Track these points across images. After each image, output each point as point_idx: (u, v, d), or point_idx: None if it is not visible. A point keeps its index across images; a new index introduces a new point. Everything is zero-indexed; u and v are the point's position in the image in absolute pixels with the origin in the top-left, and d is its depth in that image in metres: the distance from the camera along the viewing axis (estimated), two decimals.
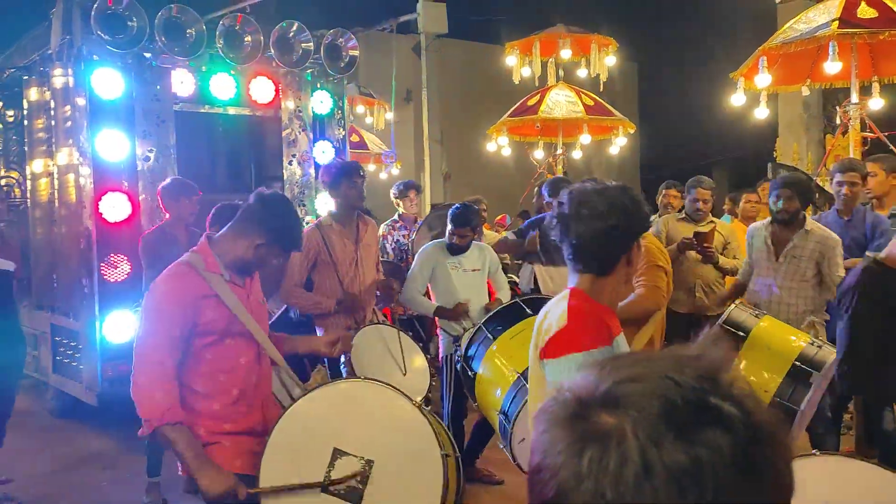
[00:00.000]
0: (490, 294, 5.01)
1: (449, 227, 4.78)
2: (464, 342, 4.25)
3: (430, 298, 4.86)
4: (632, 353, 0.74)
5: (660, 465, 0.63)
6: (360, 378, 3.06)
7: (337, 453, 2.61)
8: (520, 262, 5.85)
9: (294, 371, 2.99)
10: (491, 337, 3.97)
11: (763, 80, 6.32)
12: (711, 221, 5.60)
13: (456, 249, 4.84)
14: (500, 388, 3.72)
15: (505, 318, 4.05)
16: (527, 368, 3.64)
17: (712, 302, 5.40)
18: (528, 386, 3.51)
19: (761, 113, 6.97)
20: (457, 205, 4.97)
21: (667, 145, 17.83)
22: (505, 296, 4.96)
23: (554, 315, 2.04)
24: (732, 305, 3.61)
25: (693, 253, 5.27)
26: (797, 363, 3.56)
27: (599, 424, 0.67)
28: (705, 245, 5.19)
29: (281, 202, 2.78)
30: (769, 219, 4.59)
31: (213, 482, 2.48)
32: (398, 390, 2.80)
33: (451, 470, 2.79)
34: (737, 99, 6.67)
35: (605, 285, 2.07)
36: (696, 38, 16.17)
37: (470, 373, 4.06)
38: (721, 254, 5.39)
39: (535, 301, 4.10)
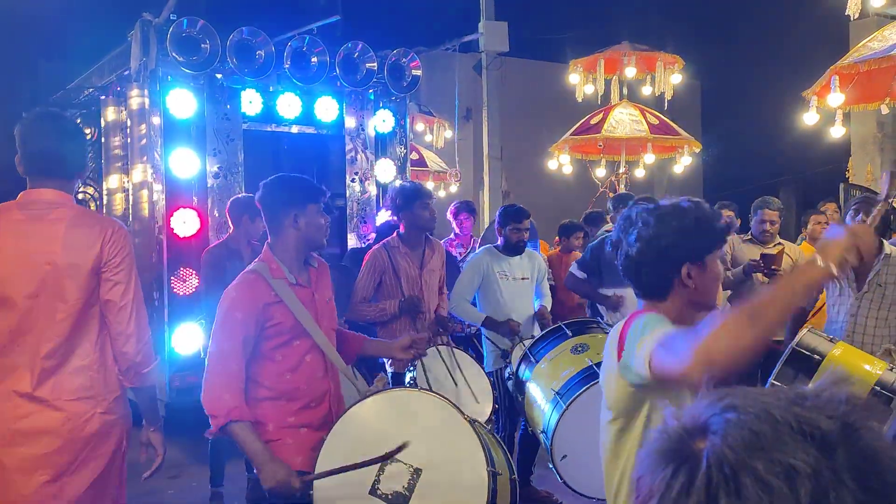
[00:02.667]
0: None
1: (508, 226, 4.81)
2: (514, 362, 4.30)
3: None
4: (740, 387, 0.76)
5: (747, 486, 0.65)
6: (416, 388, 3.11)
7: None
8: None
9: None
10: (534, 360, 4.06)
11: (835, 99, 6.15)
12: (780, 243, 5.44)
13: (512, 249, 4.83)
14: (543, 407, 3.80)
15: (548, 340, 4.15)
16: (563, 385, 3.74)
17: (780, 329, 5.25)
18: (563, 404, 3.60)
19: (837, 132, 6.77)
20: (509, 204, 5.06)
21: (731, 165, 17.43)
22: (548, 303, 5.05)
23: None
24: (805, 330, 3.49)
25: (760, 276, 5.13)
26: (876, 388, 3.42)
27: (691, 449, 0.70)
28: (773, 267, 5.05)
29: (274, 178, 2.95)
30: None
31: (273, 474, 2.60)
32: (453, 403, 2.83)
33: (504, 489, 2.80)
34: (809, 118, 6.51)
35: (666, 311, 1.91)
36: (762, 56, 15.83)
37: (519, 396, 4.16)
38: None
39: (576, 323, 4.23)
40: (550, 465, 3.65)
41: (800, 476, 0.65)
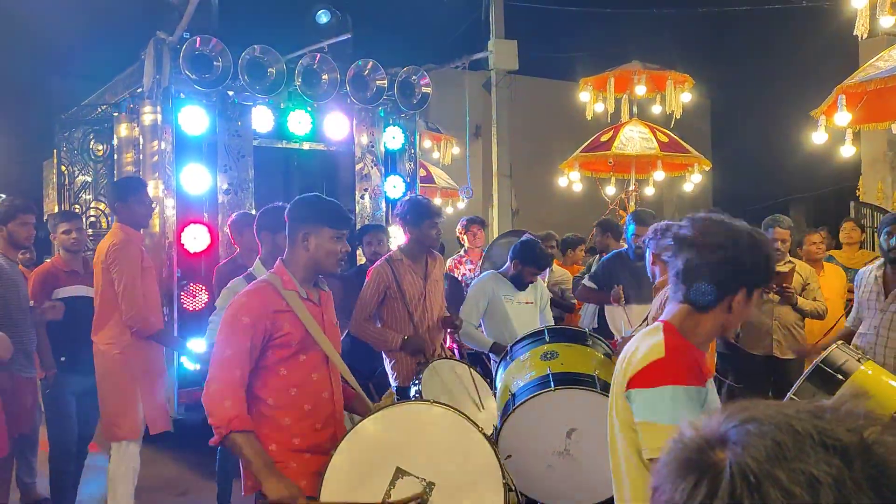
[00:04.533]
0: None
1: (528, 267, 4.79)
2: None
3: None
4: (759, 401, 0.76)
5: (771, 496, 0.66)
6: (428, 401, 3.08)
7: (399, 473, 2.62)
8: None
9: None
10: (509, 359, 4.23)
11: (842, 118, 6.14)
12: (790, 262, 5.42)
13: (521, 284, 4.85)
14: (500, 405, 3.97)
15: (527, 341, 4.27)
16: (520, 389, 3.82)
17: (791, 346, 5.22)
18: (511, 404, 3.70)
19: (847, 151, 6.75)
20: (533, 240, 5.01)
21: (741, 183, 17.40)
22: None
23: (644, 347, 1.97)
24: (833, 346, 3.45)
25: (772, 294, 5.11)
26: None
27: (711, 459, 0.71)
28: (784, 286, 5.03)
29: (306, 195, 2.95)
30: (881, 260, 4.43)
31: (277, 487, 2.55)
32: (466, 416, 2.80)
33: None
34: (818, 137, 6.49)
35: (700, 323, 1.97)
36: (772, 75, 15.84)
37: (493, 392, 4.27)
38: (800, 294, 5.20)
39: (559, 330, 4.41)
40: None
41: (822, 486, 0.65)
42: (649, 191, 10.32)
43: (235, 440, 2.59)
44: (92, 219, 6.77)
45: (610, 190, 10.35)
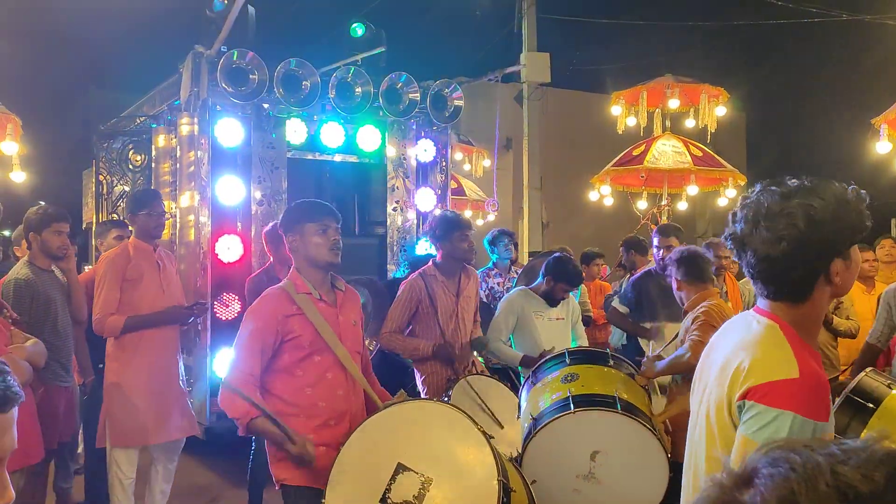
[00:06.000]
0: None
1: (558, 282, 4.78)
2: None
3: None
4: (792, 440, 0.77)
5: None
6: (431, 399, 3.26)
7: (400, 468, 2.74)
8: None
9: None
10: (532, 383, 4.12)
11: None
12: None
13: (553, 301, 4.84)
14: (523, 429, 3.90)
15: (550, 363, 4.16)
16: (539, 413, 3.73)
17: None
18: (533, 429, 3.61)
19: None
20: (567, 256, 5.01)
21: None
22: (584, 345, 5.03)
23: (767, 351, 1.68)
24: (863, 373, 3.39)
25: None
26: None
27: (736, 500, 0.72)
28: None
29: (283, 214, 3.27)
30: None
31: (300, 448, 2.81)
32: (467, 414, 2.90)
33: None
34: (882, 146, 6.30)
35: (806, 315, 1.71)
36: (808, 89, 15.62)
37: (517, 417, 4.20)
38: (833, 313, 5.11)
39: (580, 352, 4.24)
40: None
41: None
42: (682, 205, 10.22)
43: (257, 424, 2.82)
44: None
45: (641, 204, 10.27)
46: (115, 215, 6.47)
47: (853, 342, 5.22)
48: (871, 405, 3.25)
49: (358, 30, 6.62)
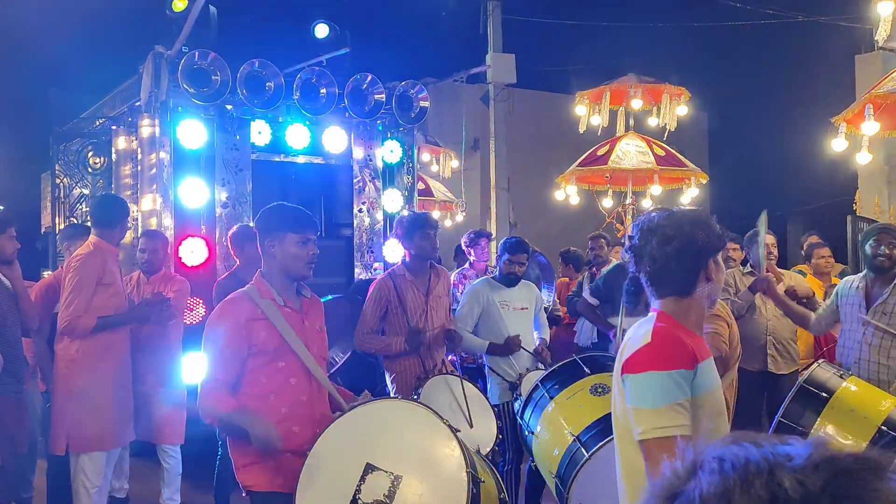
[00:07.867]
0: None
1: (504, 256, 4.83)
2: (524, 393, 4.23)
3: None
4: (743, 434, 0.78)
5: None
6: (396, 398, 3.22)
7: (369, 468, 2.73)
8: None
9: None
10: (548, 396, 3.83)
11: (870, 127, 6.04)
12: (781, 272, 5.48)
13: (511, 280, 4.87)
14: (558, 449, 3.57)
15: (562, 376, 3.91)
16: (583, 430, 3.52)
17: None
18: (585, 452, 3.37)
19: (863, 158, 6.64)
20: (512, 236, 5.08)
21: (738, 196, 17.44)
22: (546, 335, 5.09)
23: (638, 335, 2.06)
24: (816, 364, 3.47)
25: (764, 310, 5.16)
26: (883, 428, 3.37)
27: (683, 490, 0.74)
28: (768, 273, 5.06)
29: (270, 205, 3.15)
30: (864, 272, 4.40)
31: (263, 431, 2.77)
32: (433, 410, 2.92)
33: (487, 497, 2.84)
34: (838, 144, 6.37)
35: (690, 306, 2.09)
36: (769, 89, 15.92)
37: (527, 431, 3.97)
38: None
39: (593, 359, 3.95)
40: None
41: None
42: (646, 203, 10.34)
43: (223, 419, 2.87)
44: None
45: (607, 202, 10.36)
46: (73, 219, 6.34)
47: (811, 337, 5.36)
48: (824, 394, 3.31)
49: (321, 30, 6.57)
